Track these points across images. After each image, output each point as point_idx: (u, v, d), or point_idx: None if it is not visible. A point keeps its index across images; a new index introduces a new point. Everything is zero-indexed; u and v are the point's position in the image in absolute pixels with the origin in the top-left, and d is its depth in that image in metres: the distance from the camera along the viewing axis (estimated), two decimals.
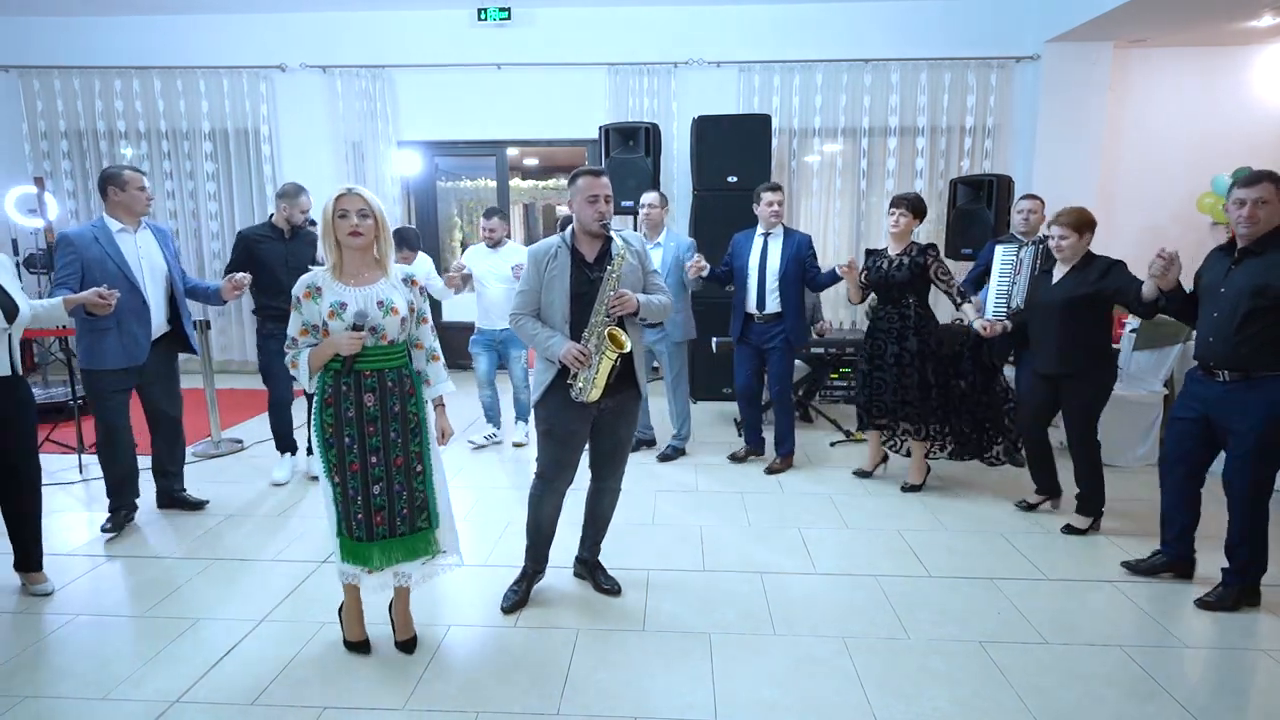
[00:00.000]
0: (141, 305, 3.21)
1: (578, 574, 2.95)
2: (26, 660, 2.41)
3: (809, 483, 4.07)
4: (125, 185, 3.19)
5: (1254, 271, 2.53)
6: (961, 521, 3.54)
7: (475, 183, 8.76)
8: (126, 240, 3.22)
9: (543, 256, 2.54)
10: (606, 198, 2.51)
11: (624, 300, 2.46)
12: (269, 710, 2.15)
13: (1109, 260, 3.17)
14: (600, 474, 2.78)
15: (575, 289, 2.50)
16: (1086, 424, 3.33)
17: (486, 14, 6.28)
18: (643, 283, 2.60)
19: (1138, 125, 6.34)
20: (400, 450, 2.26)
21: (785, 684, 2.28)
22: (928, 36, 6.21)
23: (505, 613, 2.69)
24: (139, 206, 3.24)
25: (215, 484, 3.97)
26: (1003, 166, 6.22)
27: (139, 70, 6.47)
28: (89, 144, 6.63)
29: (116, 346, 3.18)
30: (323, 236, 2.22)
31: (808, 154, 6.51)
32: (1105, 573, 3.02)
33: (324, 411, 2.21)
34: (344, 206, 2.17)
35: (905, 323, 3.75)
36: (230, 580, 2.96)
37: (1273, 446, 2.57)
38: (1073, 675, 2.34)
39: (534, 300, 2.57)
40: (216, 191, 6.65)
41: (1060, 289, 3.24)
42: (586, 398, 2.47)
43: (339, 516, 2.27)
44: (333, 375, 2.20)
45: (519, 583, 2.79)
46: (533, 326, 2.55)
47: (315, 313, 2.19)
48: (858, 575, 3.00)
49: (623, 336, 2.43)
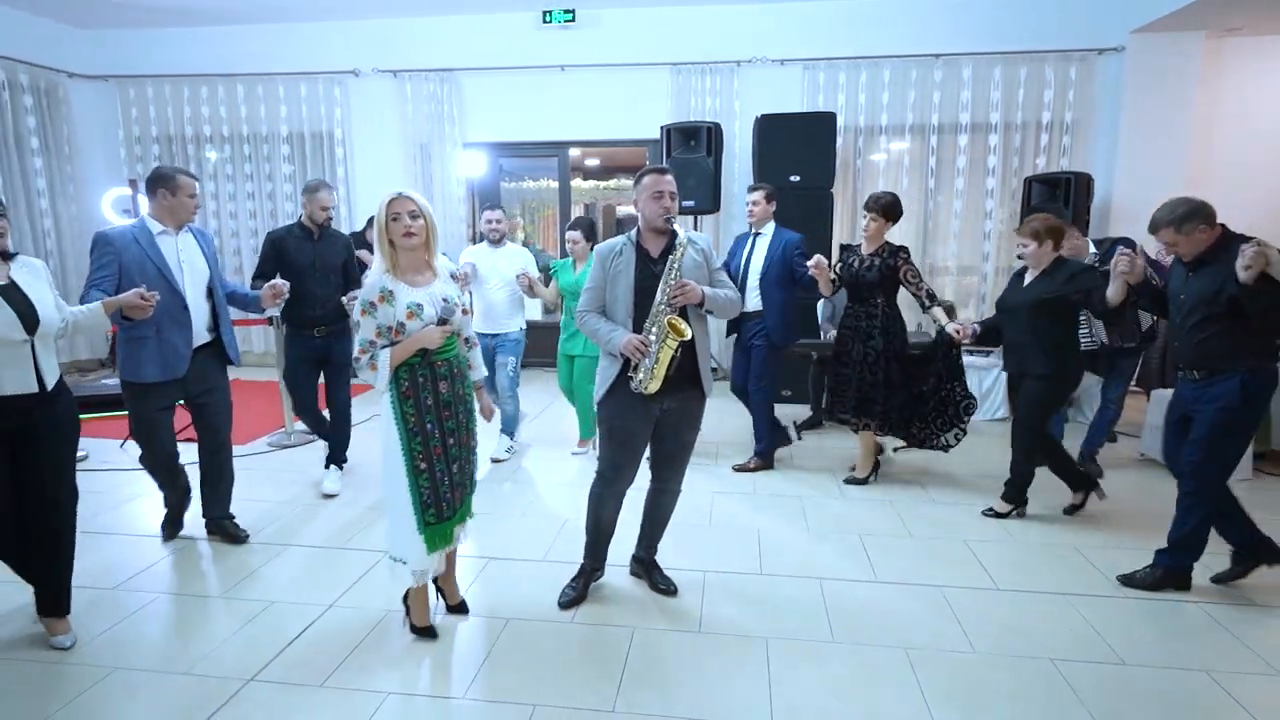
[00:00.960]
0: (182, 310, 3.00)
1: (634, 572, 2.96)
2: (115, 635, 2.56)
3: (870, 489, 3.98)
4: (178, 190, 2.99)
5: (1207, 280, 2.69)
6: (1029, 533, 3.40)
7: (538, 183, 8.89)
8: (167, 243, 3.01)
9: (608, 254, 2.59)
10: (671, 194, 2.54)
11: (685, 289, 2.44)
12: (337, 693, 2.23)
13: (1079, 265, 3.38)
14: (661, 475, 2.77)
15: (639, 283, 2.52)
16: (1034, 419, 3.44)
17: (551, 16, 6.36)
18: (709, 279, 2.60)
19: (1234, 120, 5.97)
20: (466, 429, 2.46)
21: (845, 693, 2.24)
22: (1002, 29, 5.99)
23: (562, 608, 2.72)
24: (185, 214, 3.04)
25: (289, 473, 4.13)
26: (1081, 164, 5.94)
27: (223, 78, 6.80)
28: (178, 148, 7.01)
29: (155, 356, 2.96)
30: (377, 240, 2.30)
31: (874, 152, 6.37)
32: (1188, 593, 2.85)
33: (404, 404, 2.31)
34: (396, 210, 2.27)
35: (873, 322, 3.81)
36: (302, 566, 3.08)
37: (1220, 440, 2.72)
38: (1152, 698, 2.22)
39: (599, 297, 2.60)
40: (293, 193, 6.93)
41: (1029, 292, 3.39)
42: (646, 388, 2.46)
43: (421, 506, 2.34)
44: (408, 369, 2.31)
45: (576, 579, 2.81)
46: (596, 322, 2.58)
47: (390, 315, 2.27)
48: (921, 585, 2.91)
49: (683, 325, 2.43)
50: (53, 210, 6.64)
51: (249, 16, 6.58)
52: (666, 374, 2.46)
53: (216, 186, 7.02)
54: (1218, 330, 2.69)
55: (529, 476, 4.21)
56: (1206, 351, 2.74)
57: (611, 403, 2.58)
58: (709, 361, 2.62)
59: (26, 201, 6.44)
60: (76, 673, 2.32)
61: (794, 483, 4.07)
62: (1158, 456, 4.17)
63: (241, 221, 7.05)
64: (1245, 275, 2.47)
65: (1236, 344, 2.68)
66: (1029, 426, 3.46)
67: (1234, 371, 2.69)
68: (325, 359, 3.89)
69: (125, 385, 3.05)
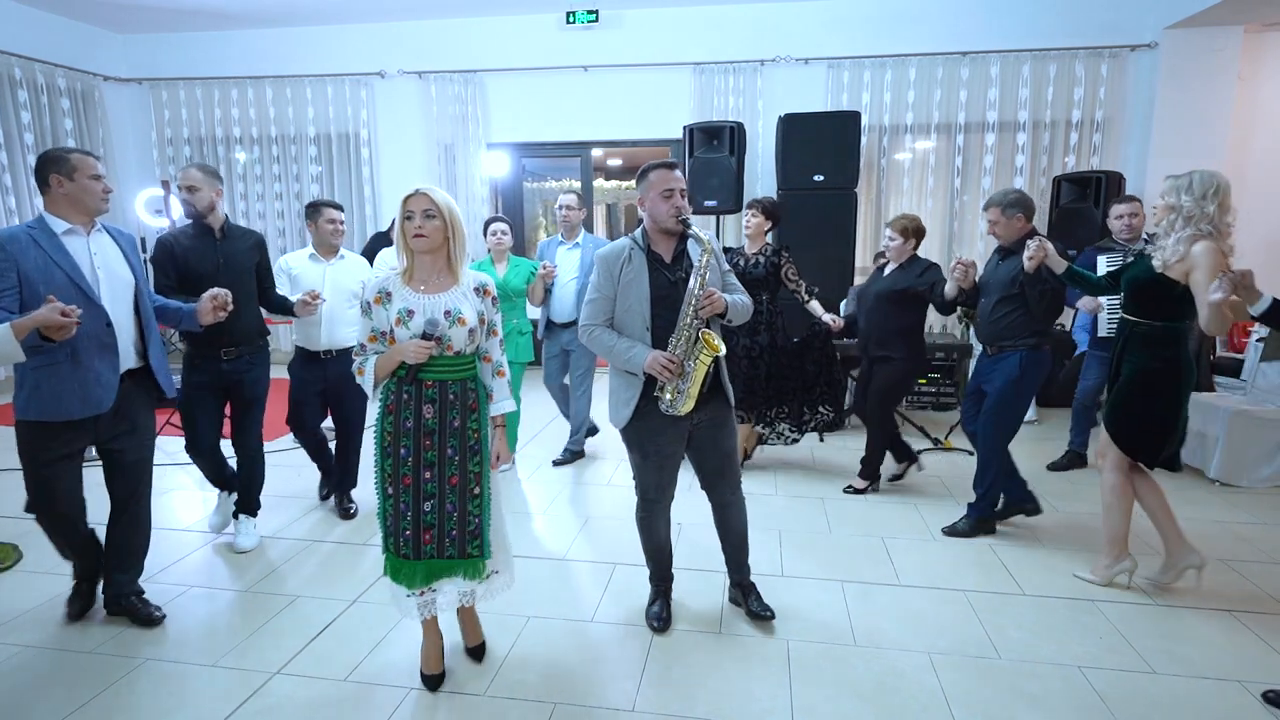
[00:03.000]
0: (104, 329, 2.37)
1: (733, 599, 2.75)
2: None
3: (892, 491, 3.94)
4: (74, 172, 2.35)
5: (1009, 268, 3.18)
6: (1058, 538, 3.35)
7: (560, 183, 8.91)
8: (76, 244, 2.38)
9: (614, 260, 2.34)
10: (682, 191, 2.32)
11: (714, 299, 2.25)
12: (360, 687, 2.26)
13: (929, 262, 3.69)
14: (716, 491, 2.57)
15: (655, 292, 2.31)
16: (886, 402, 3.80)
17: (575, 17, 6.38)
18: (721, 282, 2.41)
19: (1276, 117, 5.81)
20: (457, 469, 2.12)
21: (867, 697, 2.22)
22: (1031, 27, 5.91)
23: (657, 632, 2.56)
24: (93, 201, 2.40)
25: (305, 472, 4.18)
26: (1112, 163, 5.84)
27: (253, 80, 6.92)
28: (208, 149, 7.15)
29: (73, 387, 2.32)
30: (396, 240, 2.10)
31: (899, 151, 6.30)
32: (1220, 600, 2.79)
33: (384, 419, 2.10)
34: (410, 207, 2.03)
35: (758, 318, 3.88)
36: (326, 562, 3.12)
37: (1003, 408, 3.22)
38: (1184, 709, 2.17)
39: (607, 308, 2.36)
40: (320, 193, 7.03)
41: (887, 281, 3.72)
42: (678, 410, 2.28)
43: (385, 530, 2.16)
44: (395, 382, 2.09)
45: (657, 600, 2.66)
46: (609, 337, 2.35)
47: (384, 319, 2.07)
48: (945, 589, 2.88)
49: (716, 339, 2.24)
50: None
51: (278, 20, 6.68)
52: (700, 391, 2.28)
53: (246, 187, 7.14)
54: (1008, 311, 3.18)
55: (549, 474, 4.23)
56: (998, 330, 3.22)
57: (640, 426, 2.38)
58: (725, 368, 2.47)
59: None
60: (109, 663, 2.37)
61: (815, 484, 4.04)
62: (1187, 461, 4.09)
63: (270, 222, 7.16)
64: (1029, 265, 2.97)
65: (1021, 325, 3.15)
66: (880, 411, 3.79)
67: (1015, 349, 3.16)
68: (233, 388, 3.14)
69: (23, 427, 2.35)
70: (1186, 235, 2.55)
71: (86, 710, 2.14)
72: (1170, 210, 2.61)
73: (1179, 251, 2.55)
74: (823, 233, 5.34)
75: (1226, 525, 3.40)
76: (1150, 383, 2.68)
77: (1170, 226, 2.61)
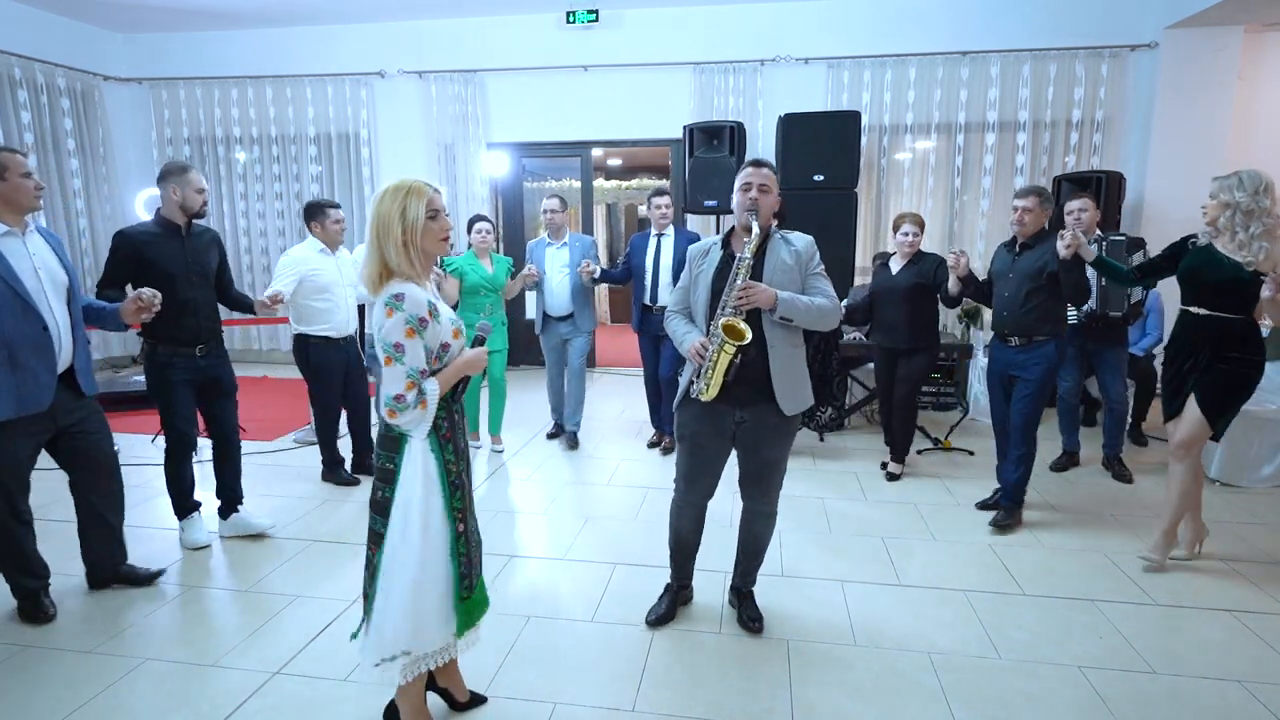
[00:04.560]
0: (40, 331, 2.39)
1: (730, 601, 2.74)
2: (149, 625, 2.61)
3: (894, 491, 3.94)
4: (4, 171, 2.35)
5: (1032, 260, 3.32)
6: (1056, 538, 3.35)
7: (560, 183, 8.92)
8: (13, 246, 2.37)
9: (697, 254, 2.46)
10: (762, 186, 2.33)
11: (751, 292, 2.22)
12: (360, 686, 2.25)
13: (938, 257, 3.88)
14: (746, 494, 2.55)
15: (717, 284, 2.35)
16: (914, 391, 4.02)
17: (575, 16, 6.38)
18: (801, 284, 2.35)
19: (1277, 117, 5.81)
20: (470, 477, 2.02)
21: (867, 697, 2.22)
22: (1032, 27, 5.90)
23: (650, 626, 2.58)
24: (26, 200, 2.40)
25: (314, 469, 4.19)
26: (1113, 162, 5.84)
27: (253, 79, 6.92)
28: (208, 149, 7.15)
29: (7, 387, 2.34)
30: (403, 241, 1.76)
31: (899, 151, 6.30)
32: (1220, 600, 2.79)
33: (444, 450, 1.83)
34: (435, 205, 1.82)
35: None
36: (326, 561, 3.12)
37: (1043, 394, 3.34)
38: (1185, 709, 2.17)
39: (685, 298, 2.48)
40: (320, 193, 7.02)
41: (908, 276, 3.90)
42: (702, 395, 2.28)
43: (459, 578, 1.88)
44: (444, 405, 1.83)
45: (662, 598, 2.67)
46: (677, 324, 2.46)
47: (437, 335, 1.80)
48: (945, 589, 2.88)
49: (741, 326, 2.20)
50: (88, 210, 6.80)
51: (277, 20, 6.68)
52: (725, 381, 2.26)
53: (246, 187, 7.14)
54: (1039, 302, 3.28)
55: (549, 474, 4.23)
56: (1031, 321, 3.31)
57: (686, 409, 2.43)
58: (792, 374, 2.35)
59: (63, 201, 6.60)
60: (109, 663, 2.37)
61: (815, 484, 4.04)
62: None
63: (270, 222, 7.16)
64: (1065, 252, 3.07)
65: (1052, 313, 3.30)
66: (908, 400, 4.01)
67: (1049, 337, 3.30)
68: (210, 384, 3.16)
69: None
70: (1259, 232, 2.66)
71: (86, 710, 2.14)
72: (1225, 207, 2.72)
73: (1264, 248, 2.66)
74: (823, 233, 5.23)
75: (1227, 525, 3.41)
76: (1247, 373, 2.82)
77: (1230, 224, 2.72)
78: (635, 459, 4.51)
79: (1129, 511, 3.54)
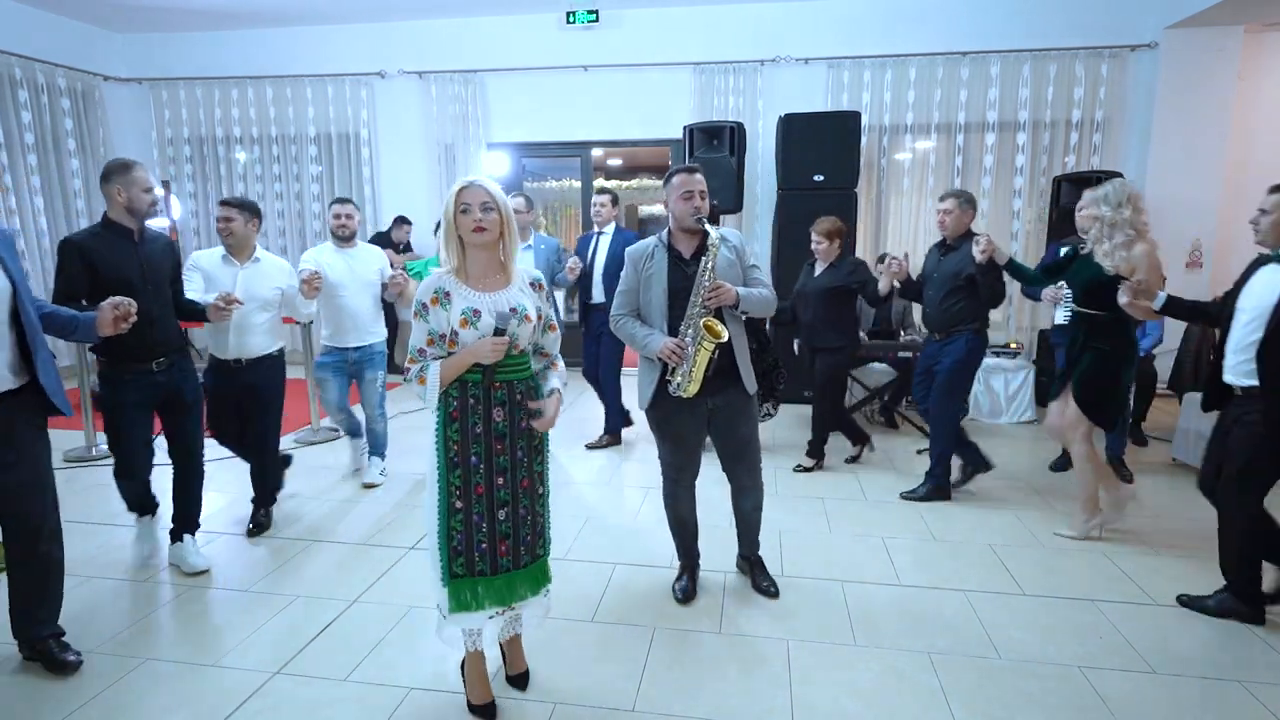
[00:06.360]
0: None
1: (739, 568, 2.98)
2: (149, 624, 2.62)
3: (893, 491, 3.94)
4: None
5: (953, 262, 3.58)
6: (1057, 538, 3.34)
7: (560, 183, 8.92)
8: None
9: (640, 256, 2.58)
10: (701, 193, 2.51)
11: (719, 290, 2.42)
12: (360, 687, 2.26)
13: (856, 260, 4.15)
14: (733, 474, 2.75)
15: (673, 285, 2.51)
16: (832, 384, 4.19)
17: (575, 17, 6.38)
18: (743, 278, 2.57)
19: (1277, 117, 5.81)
20: (526, 471, 2.05)
21: (867, 697, 2.22)
22: (1032, 27, 5.91)
23: (681, 603, 2.74)
24: None
25: (316, 470, 4.19)
26: (1112, 163, 5.84)
27: (253, 80, 6.92)
28: (208, 149, 7.15)
29: None
30: (445, 236, 1.97)
31: (899, 151, 6.30)
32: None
33: (449, 428, 1.97)
34: (466, 200, 1.93)
35: None
36: (328, 562, 3.12)
37: (952, 386, 3.64)
38: (1185, 709, 2.17)
39: (633, 299, 2.59)
40: (320, 193, 7.04)
41: (823, 280, 4.09)
42: (684, 392, 2.46)
43: (449, 553, 1.98)
44: (459, 387, 1.96)
45: (681, 576, 2.84)
46: (632, 327, 2.57)
47: (444, 320, 1.95)
48: (945, 589, 2.88)
49: (719, 326, 2.41)
50: (88, 210, 6.79)
51: (277, 20, 6.68)
52: (704, 375, 2.45)
53: (246, 187, 7.14)
54: (955, 302, 3.57)
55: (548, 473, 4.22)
56: (948, 318, 3.60)
57: (659, 409, 2.59)
58: (745, 359, 2.59)
59: (63, 201, 6.61)
60: (109, 662, 2.37)
61: (815, 484, 4.04)
62: (1190, 461, 4.11)
63: (270, 221, 7.16)
64: (980, 256, 3.33)
65: (967, 312, 3.56)
66: (830, 388, 4.17)
67: (962, 333, 3.57)
68: (171, 399, 2.89)
69: None
70: (1120, 241, 2.98)
71: (87, 710, 2.14)
72: (1094, 220, 3.08)
73: (1122, 256, 2.96)
74: None
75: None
76: (1110, 363, 3.13)
77: (1099, 234, 3.05)
78: (635, 459, 4.51)
79: (1129, 512, 3.53)
